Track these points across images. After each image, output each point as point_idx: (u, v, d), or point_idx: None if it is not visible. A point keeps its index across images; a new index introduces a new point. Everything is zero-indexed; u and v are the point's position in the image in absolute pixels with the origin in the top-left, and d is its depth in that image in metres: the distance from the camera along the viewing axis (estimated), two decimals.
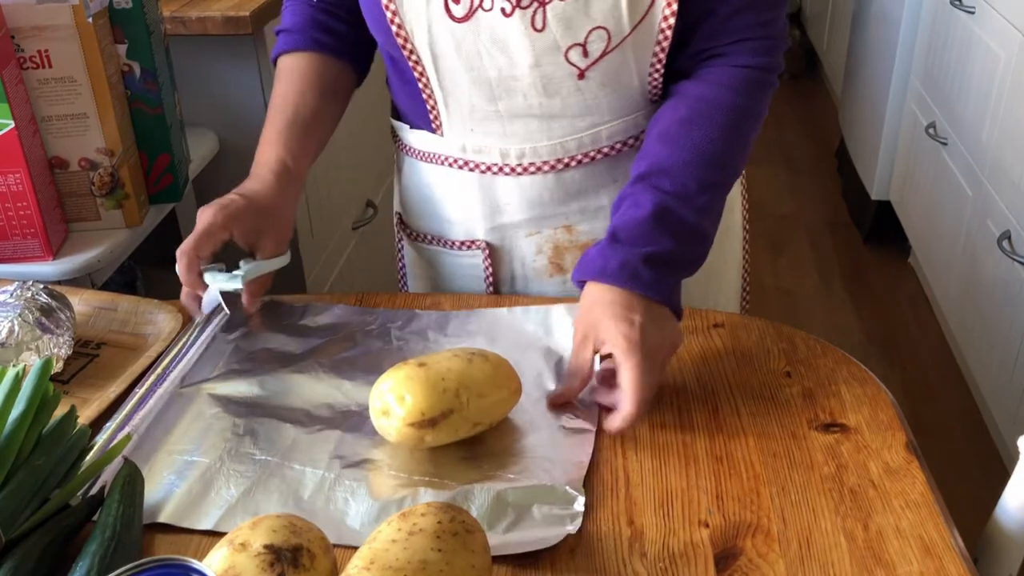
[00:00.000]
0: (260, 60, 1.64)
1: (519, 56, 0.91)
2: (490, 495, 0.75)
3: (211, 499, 0.75)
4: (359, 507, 0.74)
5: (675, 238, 0.88)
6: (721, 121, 0.91)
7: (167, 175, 1.36)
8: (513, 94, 0.94)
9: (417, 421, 0.76)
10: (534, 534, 0.72)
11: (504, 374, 0.81)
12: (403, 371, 0.79)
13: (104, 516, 0.70)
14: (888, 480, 0.77)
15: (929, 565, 0.69)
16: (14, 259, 1.22)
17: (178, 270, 0.93)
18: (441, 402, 0.77)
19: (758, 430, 0.82)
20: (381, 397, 0.78)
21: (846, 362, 0.91)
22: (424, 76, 0.96)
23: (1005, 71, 2.07)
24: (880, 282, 2.86)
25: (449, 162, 1.03)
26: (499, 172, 1.00)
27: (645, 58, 0.93)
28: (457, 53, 0.92)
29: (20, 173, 1.16)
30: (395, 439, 0.78)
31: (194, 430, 0.83)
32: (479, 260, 1.07)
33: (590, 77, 0.92)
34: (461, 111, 0.97)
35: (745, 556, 0.70)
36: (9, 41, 1.15)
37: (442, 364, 0.79)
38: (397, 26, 0.92)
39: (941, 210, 2.46)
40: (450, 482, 0.77)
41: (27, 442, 0.74)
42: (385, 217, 2.37)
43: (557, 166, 0.99)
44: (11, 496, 0.70)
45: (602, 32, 0.89)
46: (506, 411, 0.82)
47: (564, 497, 0.75)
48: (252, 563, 0.60)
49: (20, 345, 0.87)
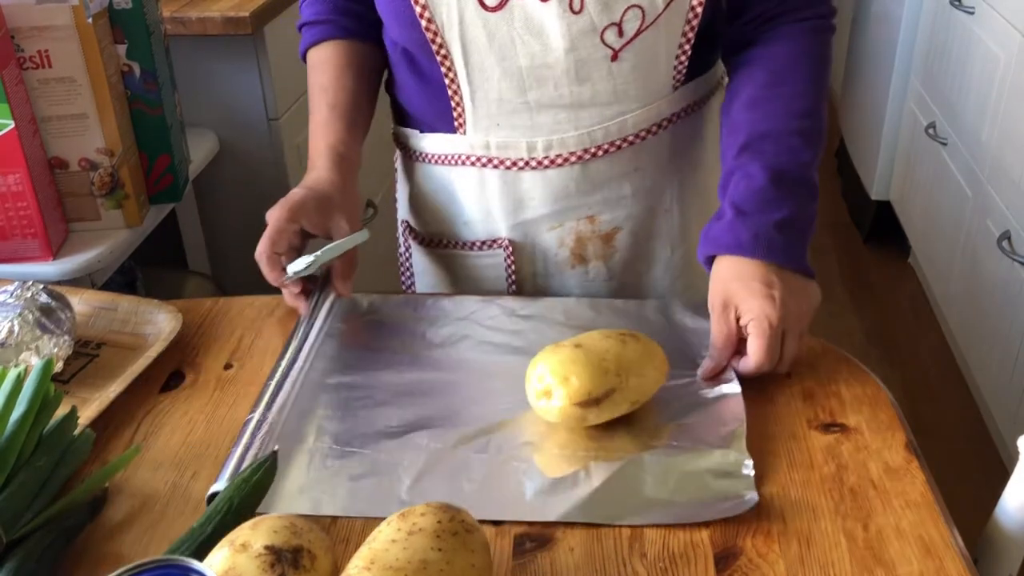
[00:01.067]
0: (260, 60, 1.64)
1: (554, 41, 0.92)
2: (662, 463, 0.77)
3: (384, 488, 0.76)
4: (534, 484, 0.76)
5: (796, 198, 0.90)
6: (802, 74, 0.94)
7: (167, 175, 1.36)
8: (544, 83, 0.95)
9: (583, 400, 0.78)
10: (716, 500, 0.74)
11: (654, 353, 0.83)
12: (561, 353, 0.80)
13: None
14: (888, 480, 0.77)
15: (929, 565, 0.69)
16: (14, 259, 1.22)
17: (264, 273, 0.94)
18: (605, 382, 0.78)
19: (758, 430, 0.82)
20: (542, 379, 0.79)
21: (846, 362, 0.91)
22: (451, 71, 0.96)
23: (1005, 71, 2.07)
24: (880, 282, 2.86)
25: (470, 161, 1.03)
26: (524, 167, 1.01)
27: (674, 38, 0.94)
28: (489, 43, 0.93)
29: (20, 173, 1.16)
30: (558, 419, 0.80)
31: (343, 422, 0.84)
32: (500, 259, 1.07)
33: (623, 59, 0.93)
34: (488, 106, 0.98)
35: (745, 556, 0.70)
36: (9, 41, 1.15)
37: (599, 344, 0.81)
38: (427, 20, 0.92)
39: (941, 210, 2.46)
40: (616, 454, 0.79)
41: (28, 443, 0.74)
42: (385, 217, 2.37)
43: (584, 156, 0.99)
44: (12, 497, 0.70)
45: (637, 10, 0.91)
46: (655, 389, 0.84)
47: (733, 462, 0.77)
48: (253, 564, 0.60)
49: (20, 345, 0.87)
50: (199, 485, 0.78)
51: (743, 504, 0.74)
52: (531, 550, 0.71)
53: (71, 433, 0.78)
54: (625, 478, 0.76)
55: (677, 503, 0.74)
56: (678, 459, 0.78)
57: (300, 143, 1.82)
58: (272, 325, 0.99)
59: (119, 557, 0.71)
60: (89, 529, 0.73)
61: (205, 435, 0.84)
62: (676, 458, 0.78)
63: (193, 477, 0.79)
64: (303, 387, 0.88)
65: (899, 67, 2.75)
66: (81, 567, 0.71)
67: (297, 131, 1.80)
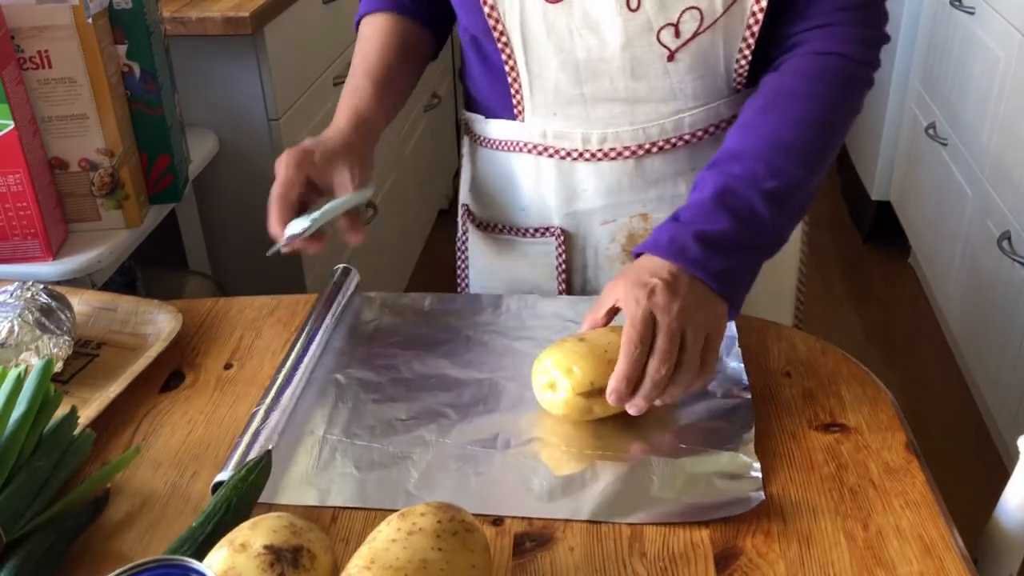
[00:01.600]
0: (260, 60, 1.64)
1: (610, 36, 0.92)
2: (669, 464, 0.78)
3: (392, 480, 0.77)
4: (543, 482, 0.76)
5: (735, 220, 0.84)
6: (797, 109, 0.89)
7: (167, 175, 1.36)
8: (600, 77, 0.95)
9: (586, 391, 0.79)
10: (722, 500, 0.74)
11: None
12: (565, 346, 0.81)
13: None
14: (888, 480, 0.77)
15: (929, 565, 0.69)
16: (14, 259, 1.22)
17: (269, 221, 0.90)
18: (608, 372, 0.78)
19: (758, 430, 0.82)
20: (546, 372, 0.80)
21: (846, 362, 0.91)
22: (512, 59, 0.97)
23: (1005, 71, 2.07)
24: (880, 282, 2.86)
25: (528, 148, 1.04)
26: (579, 158, 1.01)
27: (734, 43, 0.93)
28: (548, 34, 0.93)
29: (20, 173, 1.16)
30: (562, 411, 0.80)
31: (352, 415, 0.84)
32: (552, 247, 1.08)
33: (679, 59, 0.93)
34: (545, 95, 0.98)
35: (745, 556, 0.70)
36: (9, 41, 1.15)
37: (602, 338, 0.81)
38: (490, 7, 0.93)
39: (941, 210, 2.46)
40: (623, 454, 0.79)
41: (28, 443, 0.74)
42: (385, 217, 2.37)
43: (638, 152, 0.99)
44: (12, 497, 0.70)
45: (695, 12, 0.90)
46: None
47: (741, 464, 0.77)
48: (252, 563, 0.60)
49: (20, 345, 0.87)
50: (199, 485, 0.78)
51: (750, 502, 0.74)
52: (531, 550, 0.71)
53: (71, 433, 0.78)
54: (632, 478, 0.77)
55: (683, 503, 0.74)
56: (685, 460, 0.78)
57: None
58: (272, 325, 0.99)
59: (119, 557, 0.71)
60: (89, 529, 0.73)
61: (205, 435, 0.84)
62: (683, 459, 0.78)
63: (193, 477, 0.79)
64: (312, 379, 0.89)
65: (899, 67, 2.75)
66: (81, 567, 0.71)
67: (297, 131, 1.80)
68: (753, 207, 0.85)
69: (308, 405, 0.86)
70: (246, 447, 0.78)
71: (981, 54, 2.20)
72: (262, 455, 0.74)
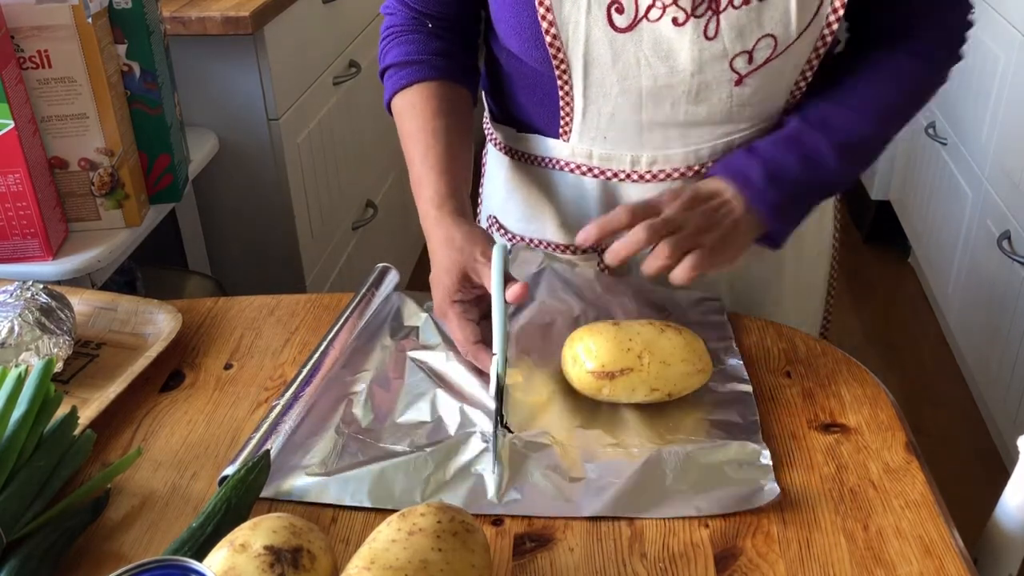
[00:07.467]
0: (260, 60, 1.64)
1: (682, 64, 0.89)
2: (681, 457, 0.78)
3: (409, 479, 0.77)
4: (553, 480, 0.77)
5: (801, 161, 0.90)
6: (885, 73, 0.94)
7: (167, 175, 1.37)
8: (661, 103, 0.92)
9: (597, 371, 0.82)
10: (740, 494, 0.75)
11: (693, 350, 0.84)
12: (597, 327, 0.85)
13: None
14: (888, 480, 0.77)
15: (929, 565, 0.69)
16: (14, 259, 1.22)
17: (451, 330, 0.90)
18: (622, 359, 0.82)
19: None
20: (572, 347, 0.85)
21: (846, 362, 0.91)
22: (568, 85, 0.94)
23: (1005, 71, 2.07)
24: (880, 282, 2.86)
25: (571, 168, 1.00)
26: (626, 179, 0.98)
27: (799, 64, 0.92)
28: (613, 63, 0.90)
29: (20, 173, 1.16)
30: (577, 386, 0.85)
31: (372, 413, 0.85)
32: (592, 265, 1.04)
33: (747, 84, 0.91)
34: (600, 120, 0.95)
35: (745, 556, 0.70)
36: (9, 41, 1.15)
37: (633, 327, 0.85)
38: (552, 36, 0.90)
39: (941, 210, 2.46)
40: (635, 449, 0.80)
41: (28, 443, 0.74)
42: (385, 217, 2.37)
43: (687, 173, 0.97)
44: (12, 497, 0.70)
45: (770, 40, 0.88)
46: (691, 387, 0.84)
47: (750, 453, 0.78)
48: (252, 564, 0.60)
49: (20, 345, 0.87)
50: (199, 485, 0.78)
51: (764, 495, 0.74)
52: (531, 550, 0.71)
53: (71, 433, 0.78)
54: (645, 473, 0.77)
55: (699, 496, 0.75)
56: (695, 452, 0.79)
57: (300, 143, 1.83)
58: (272, 325, 0.99)
59: (119, 557, 0.71)
60: (89, 529, 0.73)
61: (205, 435, 0.84)
62: (693, 452, 0.79)
63: (193, 477, 0.79)
64: (334, 377, 0.89)
65: None
66: (81, 567, 0.71)
67: (297, 131, 1.81)
68: (822, 153, 0.91)
69: (326, 401, 0.86)
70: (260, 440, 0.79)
71: (981, 54, 2.20)
72: (260, 456, 0.74)
